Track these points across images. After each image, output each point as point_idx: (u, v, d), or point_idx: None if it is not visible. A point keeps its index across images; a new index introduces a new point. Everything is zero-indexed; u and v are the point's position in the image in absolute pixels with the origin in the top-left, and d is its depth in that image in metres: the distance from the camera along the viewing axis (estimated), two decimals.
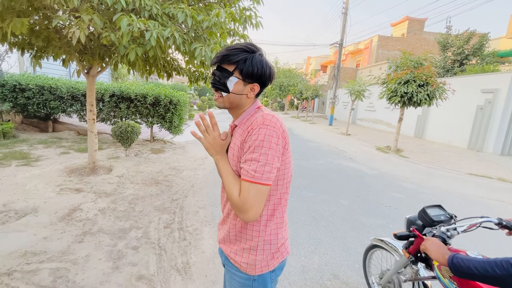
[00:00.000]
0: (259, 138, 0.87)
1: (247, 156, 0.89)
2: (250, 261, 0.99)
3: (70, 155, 5.23)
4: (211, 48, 2.60)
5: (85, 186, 3.81)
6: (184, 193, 3.95)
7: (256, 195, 0.86)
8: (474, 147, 9.59)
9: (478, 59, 15.98)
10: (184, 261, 2.39)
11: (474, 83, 9.79)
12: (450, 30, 16.95)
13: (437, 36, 17.87)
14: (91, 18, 2.28)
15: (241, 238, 1.01)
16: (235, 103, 0.99)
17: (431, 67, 8.09)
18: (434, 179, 5.86)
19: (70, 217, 2.95)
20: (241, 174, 0.89)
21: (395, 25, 27.29)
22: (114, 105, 6.57)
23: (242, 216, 0.88)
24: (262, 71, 0.96)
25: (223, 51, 0.96)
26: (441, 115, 10.93)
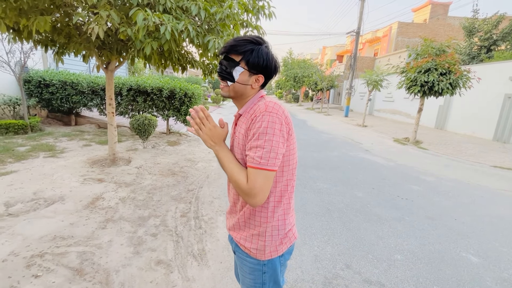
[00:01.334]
0: (263, 125, 0.89)
1: (252, 143, 0.91)
2: (259, 246, 1.03)
3: (91, 147, 5.49)
4: (224, 40, 2.61)
5: (106, 177, 4.00)
6: (199, 184, 4.05)
7: (263, 181, 0.89)
8: (501, 138, 9.09)
9: (508, 44, 14.93)
10: (200, 248, 2.48)
11: (502, 70, 9.19)
12: (477, 13, 15.91)
13: (463, 20, 16.82)
14: (109, 14, 2.35)
15: (249, 224, 1.04)
16: (240, 93, 1.02)
17: (454, 54, 7.67)
18: (455, 171, 5.64)
19: (94, 205, 3.12)
20: (247, 161, 0.92)
21: (417, 10, 25.90)
22: (131, 99, 6.77)
23: (251, 201, 0.91)
24: (268, 63, 0.99)
25: (230, 42, 0.98)
26: (464, 105, 10.40)
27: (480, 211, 3.68)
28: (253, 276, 1.06)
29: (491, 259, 2.55)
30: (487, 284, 2.20)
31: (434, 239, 2.85)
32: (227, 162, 0.98)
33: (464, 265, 2.43)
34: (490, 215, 3.57)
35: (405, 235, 2.90)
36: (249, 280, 1.07)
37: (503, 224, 3.32)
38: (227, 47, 0.98)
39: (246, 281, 1.09)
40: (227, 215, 1.19)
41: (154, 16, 2.28)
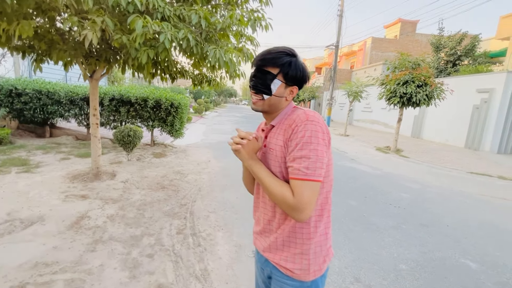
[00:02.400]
0: (306, 134, 0.86)
1: (296, 154, 0.86)
2: (303, 266, 0.95)
3: (70, 161, 5.10)
4: (224, 51, 2.56)
5: (91, 193, 3.71)
6: (192, 198, 3.88)
7: (310, 193, 0.84)
8: (471, 146, 9.74)
9: (470, 60, 16.32)
10: (202, 268, 2.32)
11: (469, 83, 9.97)
12: (442, 31, 17.30)
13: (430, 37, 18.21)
14: (103, 20, 2.22)
15: (290, 243, 0.96)
16: (275, 106, 0.99)
17: (428, 68, 8.20)
18: (437, 178, 5.91)
19: (79, 225, 2.85)
20: (291, 173, 0.87)
21: (388, 27, 27.70)
22: (114, 109, 6.45)
23: (298, 216, 0.85)
24: (303, 75, 0.98)
25: (266, 54, 0.95)
26: (437, 115, 11.09)
27: (467, 216, 3.84)
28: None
29: (488, 264, 2.63)
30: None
31: (432, 247, 2.90)
32: (265, 176, 0.92)
33: (465, 272, 2.48)
34: (476, 220, 3.73)
35: (405, 244, 2.93)
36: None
37: (490, 229, 3.47)
38: (263, 59, 0.95)
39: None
40: (257, 235, 1.10)
41: (154, 23, 2.18)
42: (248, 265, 2.41)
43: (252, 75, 0.98)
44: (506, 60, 15.97)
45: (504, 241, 3.15)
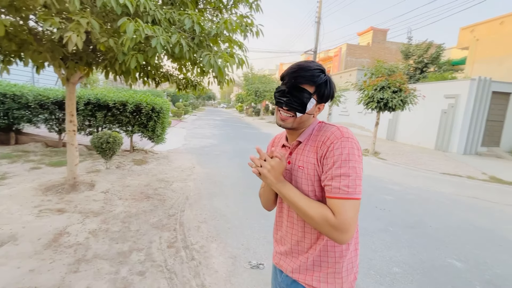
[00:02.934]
0: (344, 152, 0.84)
1: (335, 172, 0.83)
2: (337, 285, 0.92)
3: (42, 171, 4.69)
4: (219, 56, 2.49)
5: (68, 206, 3.42)
6: (180, 207, 3.72)
7: (353, 212, 0.81)
8: (441, 147, 10.43)
9: (435, 67, 17.58)
10: (199, 283, 2.21)
11: (438, 89, 10.70)
12: (411, 40, 18.49)
13: (399, 45, 19.36)
14: (88, 21, 2.06)
15: (321, 262, 0.93)
16: (303, 123, 0.96)
17: (402, 74, 8.68)
18: (414, 179, 6.23)
19: (57, 243, 2.60)
20: (330, 192, 0.83)
21: (361, 34, 29.02)
22: (89, 114, 6.06)
23: (341, 237, 0.81)
24: (334, 92, 0.97)
25: (301, 70, 0.91)
26: (409, 119, 11.76)
27: (446, 216, 4.06)
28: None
29: (472, 262, 2.79)
30: (476, 287, 2.38)
31: (420, 248, 3.02)
32: (298, 199, 0.88)
33: (453, 271, 2.61)
34: (455, 219, 3.96)
35: (395, 247, 3.02)
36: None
37: (467, 227, 3.70)
38: (301, 76, 0.90)
39: None
40: (282, 256, 1.04)
41: (146, 27, 2.06)
42: (245, 277, 2.34)
43: (284, 91, 0.93)
44: (466, 68, 17.44)
45: (481, 238, 3.37)
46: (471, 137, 9.80)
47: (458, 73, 18.05)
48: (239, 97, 36.94)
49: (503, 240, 3.35)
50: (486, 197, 5.15)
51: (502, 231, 3.63)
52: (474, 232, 3.57)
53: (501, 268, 2.71)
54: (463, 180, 6.42)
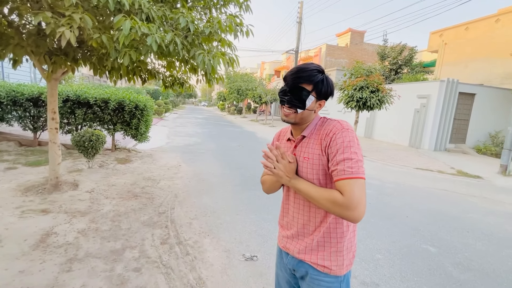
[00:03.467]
0: (345, 140, 0.95)
1: (338, 158, 0.94)
2: (338, 262, 1.04)
3: (19, 171, 4.45)
4: (213, 56, 2.55)
5: (52, 206, 3.30)
6: (169, 205, 3.72)
7: (359, 190, 0.88)
8: (414, 144, 11.11)
9: (408, 69, 18.61)
10: (196, 276, 2.27)
11: (411, 90, 11.36)
12: (386, 42, 19.39)
13: (376, 47, 20.25)
14: (82, 17, 2.03)
15: (325, 243, 1.05)
16: (305, 118, 1.07)
17: (380, 75, 9.14)
18: (391, 174, 6.63)
19: (46, 244, 2.53)
20: (337, 176, 0.93)
21: (340, 36, 29.92)
22: (68, 111, 5.81)
23: (352, 215, 0.88)
24: (332, 90, 1.08)
25: (300, 72, 1.02)
26: (385, 118, 12.38)
27: (421, 207, 4.41)
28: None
29: (444, 247, 3.08)
30: (448, 269, 2.65)
31: (399, 236, 3.28)
32: (311, 189, 0.99)
33: (428, 256, 2.87)
34: (428, 209, 4.31)
35: (376, 236, 3.25)
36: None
37: (439, 216, 4.05)
38: (299, 77, 1.02)
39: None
40: (288, 239, 1.15)
41: (142, 25, 2.07)
42: (240, 269, 2.43)
43: (285, 90, 1.05)
44: (436, 70, 18.64)
45: (451, 226, 3.71)
46: (440, 135, 10.54)
47: (429, 74, 19.24)
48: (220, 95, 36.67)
49: (470, 227, 3.71)
50: (454, 189, 5.62)
51: (469, 219, 4.01)
52: (445, 220, 3.91)
53: (469, 251, 3.02)
54: (434, 174, 6.92)
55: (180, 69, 3.84)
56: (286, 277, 1.23)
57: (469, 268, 2.69)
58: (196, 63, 2.83)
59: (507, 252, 3.07)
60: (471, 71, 15.00)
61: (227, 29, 2.76)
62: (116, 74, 3.02)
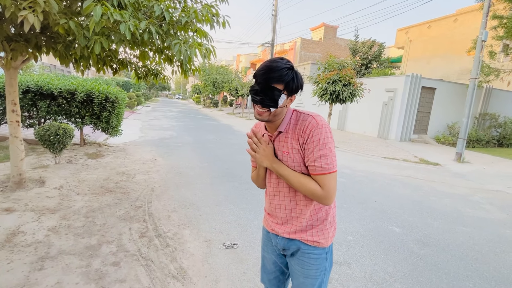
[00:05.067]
0: (321, 137, 1.03)
1: (316, 154, 1.03)
2: (325, 236, 1.16)
3: None
4: (189, 46, 2.51)
5: (16, 204, 3.09)
6: (146, 199, 3.65)
7: (334, 182, 1.04)
8: (382, 135, 11.81)
9: (377, 64, 19.54)
10: (177, 266, 2.29)
11: (380, 84, 11.99)
12: (357, 38, 20.13)
13: (348, 42, 20.96)
14: (46, 0, 1.90)
15: (312, 222, 1.15)
16: (278, 115, 1.10)
17: (351, 69, 9.52)
18: (361, 164, 7.03)
19: (12, 243, 2.39)
20: (315, 170, 1.04)
21: (314, 30, 30.44)
22: (29, 103, 5.37)
23: (326, 202, 1.06)
24: (302, 84, 1.11)
25: (270, 71, 1.01)
26: (356, 110, 12.98)
27: (387, 192, 4.76)
28: (316, 265, 1.16)
29: (407, 227, 3.39)
30: (410, 245, 2.93)
31: (368, 219, 3.54)
32: (291, 175, 1.08)
33: (393, 235, 3.14)
34: (394, 194, 4.67)
35: (348, 219, 3.48)
36: (314, 272, 1.16)
37: (404, 200, 4.41)
38: (270, 77, 1.01)
39: (310, 273, 1.16)
40: (276, 225, 1.22)
41: (115, 12, 1.99)
42: (221, 257, 2.49)
43: (257, 90, 1.04)
44: (402, 65, 19.80)
45: (414, 208, 4.07)
46: (405, 126, 11.31)
47: (396, 69, 20.39)
48: (195, 87, 35.81)
49: (429, 209, 4.10)
50: (417, 176, 6.12)
51: (429, 202, 4.42)
52: (408, 204, 4.27)
53: (428, 230, 3.35)
54: (400, 163, 7.46)
55: (154, 60, 3.73)
56: (272, 259, 1.31)
57: (428, 244, 3.00)
58: (171, 53, 2.77)
59: (459, 229, 3.46)
60: (432, 67, 16.15)
61: (204, 19, 2.73)
62: (85, 63, 2.86)
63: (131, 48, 3.43)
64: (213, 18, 3.09)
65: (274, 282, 1.35)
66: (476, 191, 5.24)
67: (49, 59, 15.82)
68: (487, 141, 11.62)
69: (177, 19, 2.55)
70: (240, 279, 2.20)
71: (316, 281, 1.19)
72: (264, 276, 1.38)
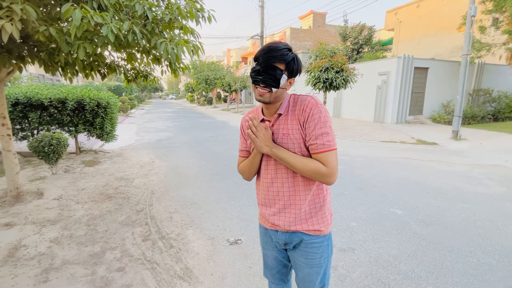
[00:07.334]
0: (321, 115, 1.05)
1: (317, 132, 1.03)
2: (325, 223, 1.17)
3: None
4: (175, 43, 2.46)
5: (16, 219, 3.07)
6: (147, 202, 3.64)
7: (336, 159, 1.05)
8: (378, 119, 11.82)
9: (369, 48, 19.41)
10: (183, 267, 2.30)
11: (372, 68, 11.93)
12: (347, 23, 19.92)
13: (337, 28, 20.76)
14: (23, 7, 1.84)
15: (311, 210, 1.14)
16: (278, 97, 1.11)
17: (343, 55, 9.46)
18: (359, 149, 7.04)
19: (15, 258, 2.38)
20: (317, 149, 1.03)
21: (303, 18, 30.10)
22: (20, 116, 5.29)
23: (330, 180, 1.04)
24: (301, 67, 1.12)
25: (272, 51, 1.03)
26: (351, 97, 12.95)
27: (387, 175, 4.78)
28: (320, 253, 1.17)
29: (408, 209, 3.41)
30: (412, 226, 2.95)
31: (370, 204, 3.55)
32: (292, 158, 1.06)
33: (395, 218, 3.16)
34: (394, 177, 4.69)
35: (350, 206, 3.50)
36: (318, 260, 1.16)
37: (403, 182, 4.44)
38: (273, 56, 1.03)
39: (315, 263, 1.16)
40: (274, 216, 1.19)
41: (95, 14, 1.93)
42: (226, 253, 2.49)
43: (259, 70, 1.05)
44: (393, 47, 19.68)
45: (414, 189, 4.09)
46: (401, 108, 11.31)
47: (387, 52, 20.28)
48: (188, 86, 35.48)
49: (429, 188, 4.13)
50: (415, 157, 6.15)
51: (428, 181, 4.44)
52: (408, 185, 4.30)
53: (429, 209, 3.38)
54: (397, 145, 7.49)
55: (142, 61, 3.66)
56: (273, 255, 1.30)
57: (430, 223, 3.03)
58: (158, 52, 2.72)
59: (460, 206, 3.49)
60: (424, 47, 16.08)
61: (188, 15, 2.66)
62: (71, 70, 2.80)
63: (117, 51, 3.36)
64: (198, 14, 3.03)
65: (277, 276, 1.35)
66: (474, 167, 5.28)
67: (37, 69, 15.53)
68: (483, 116, 11.67)
69: (161, 17, 2.49)
70: (246, 274, 2.21)
71: (321, 269, 1.19)
72: (267, 271, 1.38)
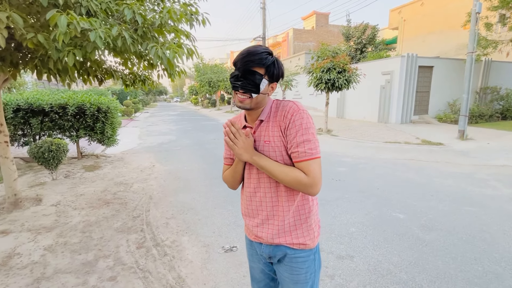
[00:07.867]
0: (303, 122, 0.98)
1: (299, 139, 0.97)
2: (310, 236, 1.09)
3: None
4: (167, 47, 2.42)
5: (12, 226, 3.06)
6: (144, 208, 3.60)
7: (318, 168, 0.97)
8: (382, 120, 11.64)
9: (372, 47, 19.21)
10: (175, 276, 2.24)
11: (375, 67, 11.77)
12: (350, 23, 19.77)
13: (340, 28, 20.62)
14: (9, 15, 1.82)
15: (295, 221, 1.07)
16: (260, 103, 1.05)
17: (345, 55, 9.34)
18: (363, 150, 6.92)
19: (8, 266, 2.36)
20: (298, 157, 0.97)
21: (306, 19, 30.02)
22: (21, 122, 5.33)
23: (313, 190, 0.97)
24: (283, 71, 1.07)
25: (250, 55, 0.98)
26: (354, 97, 12.79)
27: (390, 178, 4.66)
28: (305, 268, 1.09)
29: (411, 212, 3.30)
30: (414, 232, 2.85)
31: (371, 208, 3.45)
32: (273, 166, 1.00)
33: (397, 222, 3.06)
34: (397, 179, 4.57)
35: (350, 210, 3.40)
36: (303, 276, 1.09)
37: (406, 184, 4.31)
38: (251, 60, 0.98)
39: (300, 278, 1.09)
40: (258, 228, 1.12)
41: (81, 20, 1.90)
42: (220, 261, 2.43)
43: (237, 75, 1.00)
44: (397, 46, 19.42)
45: (417, 192, 3.97)
46: (405, 108, 11.11)
47: (391, 51, 20.03)
48: (192, 89, 35.69)
49: (433, 191, 4.00)
50: (420, 158, 6.00)
51: (433, 184, 4.31)
52: (412, 188, 4.17)
53: (432, 213, 3.26)
54: (402, 146, 7.33)
55: (139, 66, 3.64)
56: (260, 267, 1.23)
57: (433, 228, 2.91)
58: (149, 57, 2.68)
59: (466, 209, 3.36)
60: (429, 45, 15.82)
61: (178, 19, 2.62)
62: (64, 76, 2.78)
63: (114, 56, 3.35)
64: (192, 17, 2.99)
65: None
66: (481, 168, 5.12)
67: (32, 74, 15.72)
68: (490, 115, 11.39)
69: (151, 21, 2.45)
70: (239, 283, 2.14)
71: (307, 285, 1.11)
72: (255, 284, 1.31)
